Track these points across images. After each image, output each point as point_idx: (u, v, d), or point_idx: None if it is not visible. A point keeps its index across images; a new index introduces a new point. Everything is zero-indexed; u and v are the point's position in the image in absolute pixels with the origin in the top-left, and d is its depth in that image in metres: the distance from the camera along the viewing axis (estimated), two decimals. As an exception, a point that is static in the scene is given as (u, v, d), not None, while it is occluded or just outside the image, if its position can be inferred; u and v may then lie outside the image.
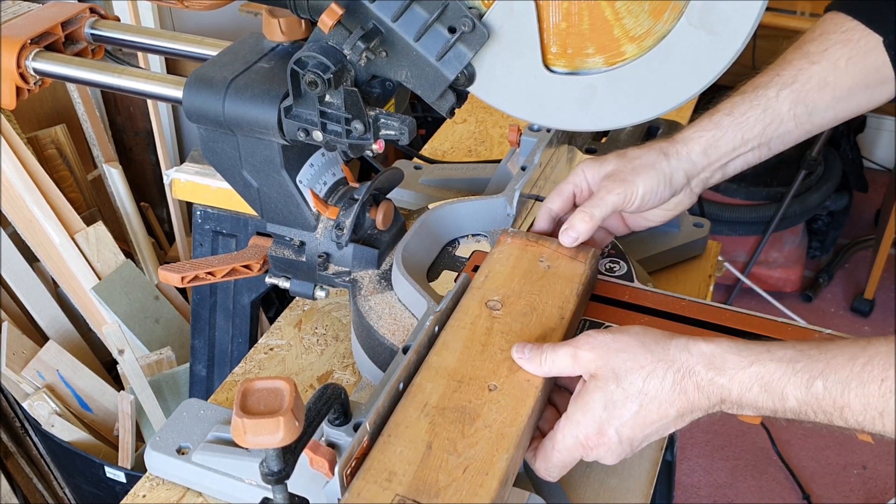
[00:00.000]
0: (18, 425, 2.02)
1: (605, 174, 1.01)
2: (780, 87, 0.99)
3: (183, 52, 1.10)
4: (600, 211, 0.98)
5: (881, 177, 3.46)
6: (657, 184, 0.99)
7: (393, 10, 0.86)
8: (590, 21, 0.83)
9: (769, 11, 0.82)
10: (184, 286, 1.08)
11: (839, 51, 0.98)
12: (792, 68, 0.99)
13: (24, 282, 2.03)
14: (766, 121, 0.99)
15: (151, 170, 2.56)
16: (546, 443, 0.84)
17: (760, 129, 0.99)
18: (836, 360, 0.73)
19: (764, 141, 1.00)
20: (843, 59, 0.98)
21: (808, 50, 1.00)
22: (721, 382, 0.76)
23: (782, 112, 0.99)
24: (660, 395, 0.78)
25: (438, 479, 0.74)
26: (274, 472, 0.69)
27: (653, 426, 0.79)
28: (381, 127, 0.92)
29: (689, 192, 1.04)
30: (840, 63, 0.98)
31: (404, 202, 1.33)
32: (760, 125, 0.99)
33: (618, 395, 0.79)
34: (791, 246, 3.05)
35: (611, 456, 0.82)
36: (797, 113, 0.99)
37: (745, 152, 1.01)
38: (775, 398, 0.75)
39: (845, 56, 0.98)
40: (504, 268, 0.97)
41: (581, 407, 0.81)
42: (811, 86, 0.98)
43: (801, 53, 1.00)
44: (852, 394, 0.72)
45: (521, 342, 0.86)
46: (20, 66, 1.03)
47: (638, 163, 1.00)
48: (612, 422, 0.79)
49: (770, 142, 1.01)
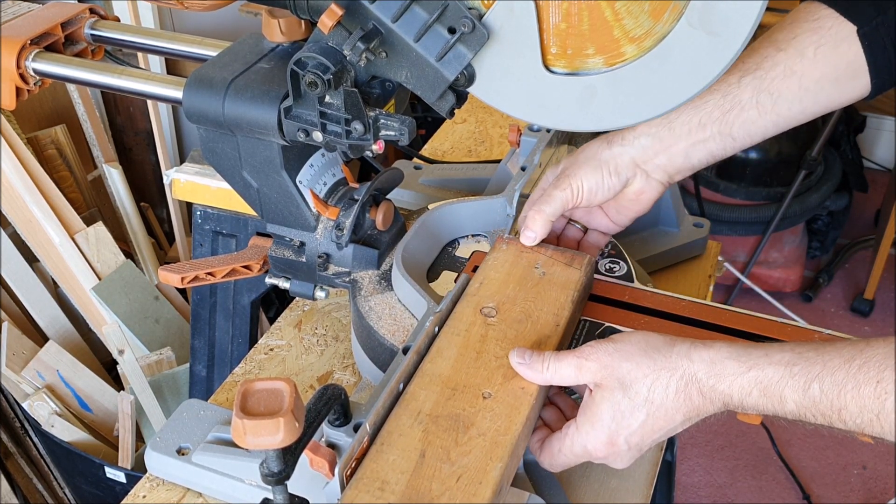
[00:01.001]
0: (18, 425, 2.02)
1: (559, 172, 1.02)
2: (743, 73, 0.94)
3: (183, 52, 1.10)
4: (549, 207, 0.98)
5: (881, 177, 3.46)
6: (600, 175, 0.98)
7: (393, 10, 0.86)
8: (589, 22, 0.83)
9: (769, 11, 0.81)
10: (184, 286, 1.08)
11: (808, 39, 0.94)
12: (757, 56, 0.95)
13: (24, 282, 2.03)
14: (726, 106, 0.95)
15: (151, 170, 2.56)
16: (554, 443, 0.84)
17: (719, 114, 0.95)
18: (832, 362, 0.73)
19: (725, 129, 0.96)
20: (811, 47, 0.93)
21: (775, 38, 0.96)
22: (721, 389, 0.77)
23: (743, 99, 0.95)
24: (665, 402, 0.78)
25: (431, 488, 0.74)
26: (274, 473, 0.69)
27: (661, 432, 0.80)
28: (381, 127, 0.92)
29: (647, 180, 0.99)
30: (808, 52, 0.93)
31: (404, 202, 1.33)
32: (719, 110, 0.95)
33: (625, 404, 0.79)
34: (791, 246, 3.05)
35: (621, 462, 0.82)
36: (760, 101, 0.95)
37: (705, 139, 0.96)
38: (774, 402, 0.75)
39: (814, 44, 0.93)
40: (499, 274, 0.96)
41: (590, 418, 0.81)
42: (775, 73, 0.94)
43: (768, 41, 0.96)
44: (848, 396, 0.71)
45: (521, 348, 0.85)
46: (20, 67, 1.03)
47: (581, 157, 1.00)
48: (621, 432, 0.80)
49: (732, 130, 0.96)
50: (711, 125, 0.96)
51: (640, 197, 1.01)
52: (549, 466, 0.85)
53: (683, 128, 0.96)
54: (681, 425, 0.80)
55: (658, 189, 1.01)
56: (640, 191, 1.00)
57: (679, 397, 0.78)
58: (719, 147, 0.97)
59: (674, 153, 0.97)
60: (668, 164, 0.98)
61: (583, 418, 0.81)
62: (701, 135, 0.96)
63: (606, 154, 0.98)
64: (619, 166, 0.98)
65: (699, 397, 0.77)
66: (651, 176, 0.99)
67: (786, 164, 2.82)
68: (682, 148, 0.97)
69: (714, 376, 0.77)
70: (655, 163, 0.98)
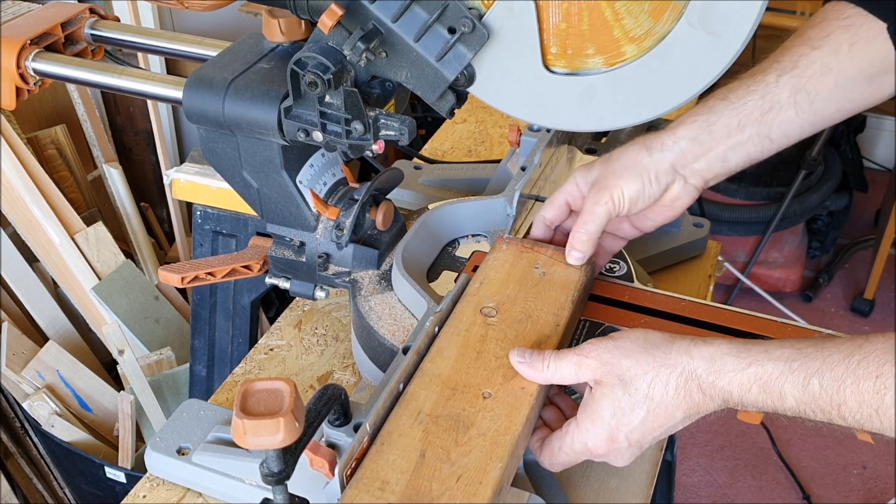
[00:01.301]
0: (18, 425, 2.02)
1: (592, 182, 0.98)
2: (780, 72, 0.93)
3: (183, 52, 1.10)
4: (594, 226, 0.96)
5: (881, 177, 3.46)
6: (641, 183, 0.95)
7: (393, 10, 0.86)
8: (589, 22, 0.83)
9: (769, 11, 0.81)
10: (184, 286, 1.08)
11: (841, 36, 0.93)
12: (792, 54, 0.94)
13: (24, 282, 2.03)
14: (765, 107, 0.94)
15: (151, 170, 2.56)
16: (554, 441, 0.84)
17: (759, 115, 0.94)
18: (832, 357, 0.73)
19: (763, 130, 0.95)
20: (845, 44, 0.93)
21: (809, 36, 0.95)
22: (721, 385, 0.77)
23: (782, 98, 0.94)
24: (665, 399, 0.78)
25: (432, 488, 0.74)
26: (274, 473, 0.69)
27: (661, 429, 0.80)
28: (381, 127, 0.92)
29: (684, 186, 0.98)
30: (843, 48, 0.93)
31: (404, 202, 1.33)
32: (758, 111, 0.94)
33: (625, 401, 0.79)
34: (791, 246, 3.05)
35: (621, 459, 0.82)
36: (798, 100, 0.94)
37: (743, 141, 0.95)
38: (774, 398, 0.75)
39: (848, 41, 0.93)
40: (499, 274, 0.96)
41: (590, 415, 0.81)
42: (812, 71, 0.93)
43: (801, 40, 0.95)
44: (847, 391, 0.71)
45: (521, 347, 0.85)
46: (20, 67, 1.03)
47: (618, 165, 0.97)
48: (621, 429, 0.80)
49: (770, 131, 0.95)
50: (750, 126, 0.94)
51: (675, 203, 0.99)
52: (550, 466, 0.85)
53: (723, 130, 0.94)
54: (681, 422, 0.80)
55: (693, 195, 0.99)
56: (676, 196, 0.98)
57: (679, 394, 0.78)
58: (757, 149, 0.96)
59: (712, 157, 0.96)
60: (705, 168, 0.97)
61: (583, 415, 0.81)
62: (739, 137, 0.95)
63: (646, 160, 0.96)
64: (660, 172, 0.96)
65: (699, 394, 0.77)
66: (688, 181, 0.98)
67: (786, 164, 2.82)
68: (720, 151, 0.96)
69: (714, 373, 0.77)
70: (694, 167, 0.97)
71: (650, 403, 0.78)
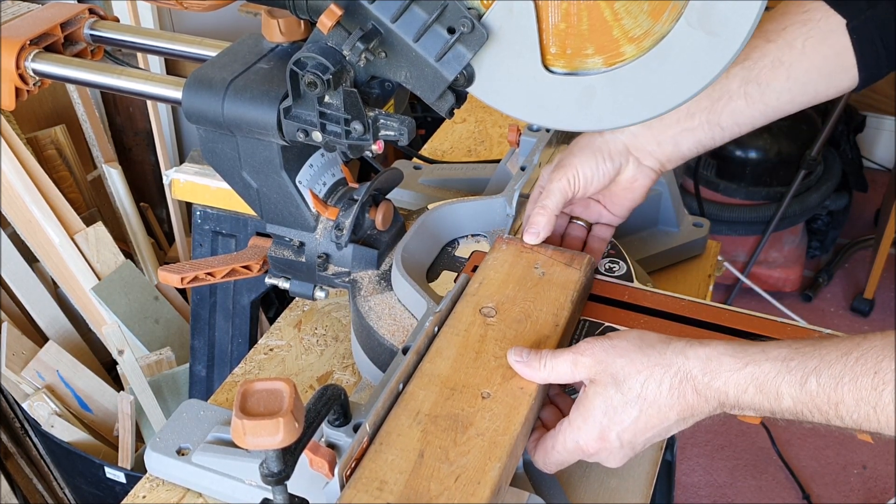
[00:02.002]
0: (18, 426, 2.02)
1: (554, 165, 1.03)
2: None
3: (182, 52, 1.10)
4: (551, 201, 0.99)
5: (881, 176, 3.46)
6: (595, 161, 1.00)
7: (392, 10, 0.86)
8: (589, 22, 0.83)
9: (768, 11, 0.81)
10: (183, 287, 1.08)
11: (797, 30, 0.94)
12: (746, 46, 0.94)
13: (24, 282, 2.03)
14: (714, 96, 0.96)
15: (151, 170, 2.56)
16: (547, 440, 0.84)
17: (707, 103, 0.97)
18: (829, 356, 0.72)
19: (713, 118, 0.97)
20: (799, 38, 0.94)
21: (765, 28, 0.96)
22: (717, 386, 0.76)
23: (731, 88, 0.96)
24: (658, 399, 0.78)
25: (430, 487, 0.74)
26: (274, 473, 0.69)
27: (654, 430, 0.79)
28: (381, 127, 0.92)
29: (639, 167, 1.02)
30: (797, 43, 0.94)
31: (404, 202, 1.33)
32: (707, 100, 0.96)
33: (617, 399, 0.79)
34: (791, 246, 3.05)
35: (613, 459, 0.82)
36: (748, 91, 0.96)
37: (693, 127, 0.98)
38: (771, 398, 0.74)
39: (802, 36, 0.94)
40: (498, 274, 0.96)
41: (582, 413, 0.81)
42: (763, 64, 0.95)
43: (758, 32, 0.94)
44: (845, 388, 0.71)
45: (518, 346, 0.85)
46: (19, 67, 1.03)
47: (576, 147, 1.02)
48: (612, 427, 0.79)
49: (720, 119, 0.97)
50: (700, 114, 0.97)
51: (634, 185, 1.03)
52: (543, 465, 0.85)
53: (672, 116, 0.97)
54: (675, 425, 0.79)
55: (650, 176, 1.03)
56: (632, 178, 1.02)
57: (673, 394, 0.77)
58: (707, 136, 0.99)
59: (663, 140, 1.00)
60: (658, 150, 1.01)
61: (575, 413, 0.81)
62: (689, 123, 0.98)
63: (599, 140, 1.00)
64: (613, 152, 1.00)
65: (694, 395, 0.77)
66: (643, 163, 1.02)
67: (785, 163, 2.82)
68: (670, 135, 0.99)
69: (709, 373, 0.76)
70: (647, 149, 1.01)
71: (643, 403, 0.78)
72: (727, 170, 2.89)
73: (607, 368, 0.79)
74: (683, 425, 0.80)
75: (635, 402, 0.78)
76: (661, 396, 0.78)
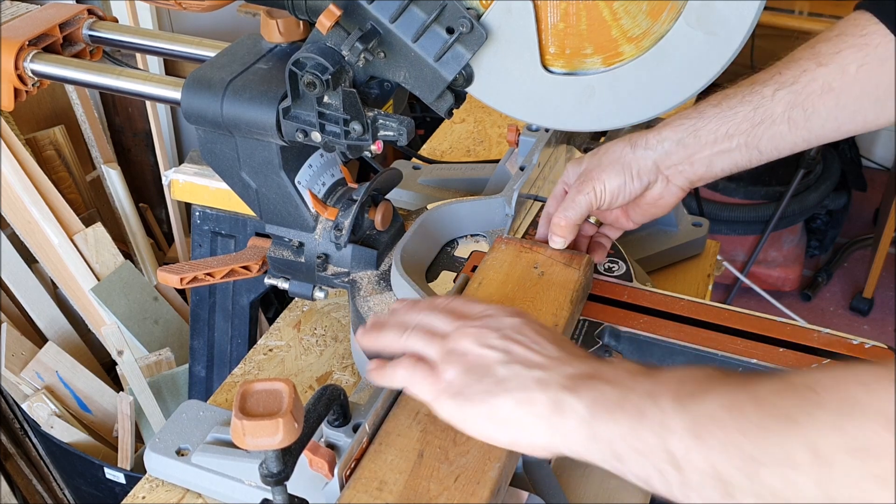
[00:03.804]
0: (18, 426, 2.02)
1: (580, 173, 1.00)
2: (779, 86, 0.90)
3: (181, 53, 1.10)
4: (574, 213, 0.98)
5: (880, 176, 3.46)
6: (623, 178, 0.97)
7: (391, 10, 0.86)
8: (587, 21, 0.83)
9: (767, 11, 0.81)
10: (183, 287, 1.08)
11: (852, 55, 0.89)
12: (797, 68, 0.91)
13: (24, 283, 2.03)
14: (756, 119, 0.91)
15: (150, 170, 2.56)
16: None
17: (748, 126, 0.92)
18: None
19: (752, 141, 0.93)
20: (854, 64, 0.88)
21: (819, 50, 0.91)
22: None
23: (775, 113, 0.91)
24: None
25: (430, 488, 0.74)
26: (273, 474, 0.69)
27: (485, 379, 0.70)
28: (380, 128, 0.92)
29: (667, 185, 0.98)
30: (850, 68, 0.88)
31: (403, 202, 1.33)
32: (748, 123, 0.92)
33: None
34: (790, 245, 3.05)
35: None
36: (792, 116, 0.91)
37: (730, 149, 0.94)
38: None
39: (857, 62, 0.88)
40: (498, 274, 0.96)
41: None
42: (812, 89, 0.89)
43: (810, 53, 0.91)
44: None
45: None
46: (18, 68, 1.03)
47: (605, 158, 0.98)
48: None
49: (760, 143, 0.93)
50: (739, 136, 0.93)
51: (659, 202, 1.00)
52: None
53: (710, 136, 0.93)
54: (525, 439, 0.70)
55: (677, 195, 1.00)
56: (659, 195, 0.99)
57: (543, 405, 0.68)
58: (744, 158, 0.95)
59: (696, 160, 0.95)
60: (689, 170, 0.96)
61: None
62: (726, 145, 0.94)
63: (630, 157, 0.97)
64: (642, 170, 0.96)
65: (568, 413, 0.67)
66: (672, 181, 0.98)
67: (784, 163, 2.80)
68: (705, 156, 0.95)
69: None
70: (678, 168, 0.96)
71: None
72: (726, 169, 2.89)
73: None
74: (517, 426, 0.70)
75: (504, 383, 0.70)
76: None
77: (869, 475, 0.52)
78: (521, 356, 0.71)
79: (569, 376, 0.68)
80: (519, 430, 0.68)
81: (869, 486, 0.52)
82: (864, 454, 0.52)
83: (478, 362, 0.71)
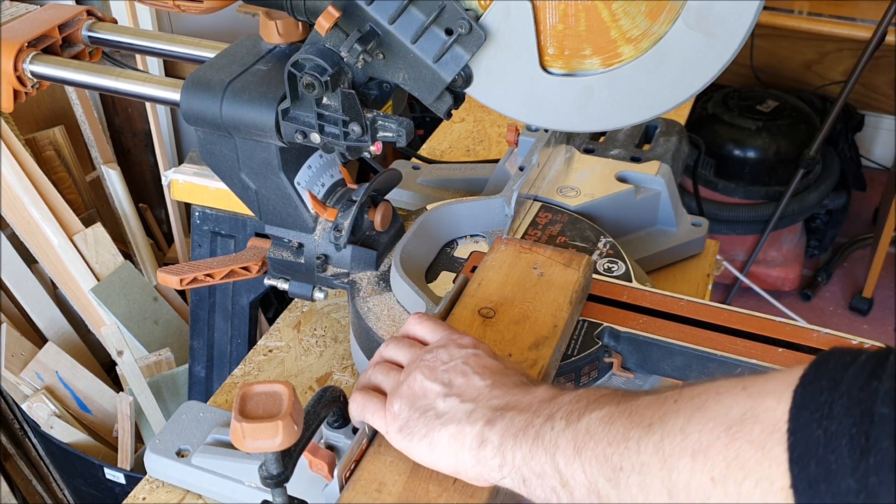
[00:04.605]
0: (17, 427, 2.02)
1: None
2: None
3: (181, 54, 1.10)
4: None
5: (879, 175, 3.46)
6: None
7: (390, 11, 0.86)
8: (586, 22, 0.83)
9: (766, 11, 0.81)
10: (182, 288, 1.08)
11: None
12: None
13: (23, 283, 2.03)
14: None
15: (150, 171, 2.56)
16: None
17: None
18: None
19: None
20: None
21: None
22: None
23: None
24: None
25: (429, 489, 0.74)
26: (273, 476, 0.70)
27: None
28: (379, 129, 0.92)
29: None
30: None
31: (403, 203, 1.33)
32: None
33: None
34: (789, 245, 3.06)
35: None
36: None
37: None
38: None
39: None
40: (497, 275, 0.96)
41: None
42: None
43: None
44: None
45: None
46: (17, 70, 1.03)
47: None
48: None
49: None
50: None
51: None
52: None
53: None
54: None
55: None
56: None
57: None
58: None
59: None
60: None
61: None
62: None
63: None
64: None
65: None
66: None
67: (784, 162, 2.83)
68: None
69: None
70: None
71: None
72: (726, 169, 2.89)
73: None
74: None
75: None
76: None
77: (705, 476, 0.53)
78: (460, 389, 0.73)
79: (492, 408, 0.70)
80: (456, 461, 0.70)
81: (705, 486, 0.54)
82: (702, 456, 0.54)
83: (421, 395, 0.74)
